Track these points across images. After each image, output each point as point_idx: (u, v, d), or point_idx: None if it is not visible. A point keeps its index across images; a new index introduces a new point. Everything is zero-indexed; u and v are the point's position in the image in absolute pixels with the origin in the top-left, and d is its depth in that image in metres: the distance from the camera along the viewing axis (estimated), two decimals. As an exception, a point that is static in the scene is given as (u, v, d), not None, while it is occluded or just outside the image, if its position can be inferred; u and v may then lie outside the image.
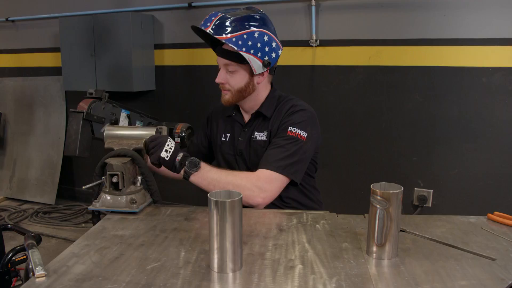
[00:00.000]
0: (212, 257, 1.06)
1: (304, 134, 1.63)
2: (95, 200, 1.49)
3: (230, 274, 1.05)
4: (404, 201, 3.66)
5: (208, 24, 1.56)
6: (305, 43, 3.30)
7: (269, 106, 1.74)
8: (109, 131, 1.63)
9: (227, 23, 1.56)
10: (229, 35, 1.55)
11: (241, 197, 1.05)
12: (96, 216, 1.52)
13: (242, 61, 1.61)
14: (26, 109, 4.54)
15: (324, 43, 3.26)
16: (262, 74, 1.68)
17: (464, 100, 3.00)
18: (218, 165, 1.82)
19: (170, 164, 1.54)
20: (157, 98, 3.93)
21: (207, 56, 3.62)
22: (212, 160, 1.92)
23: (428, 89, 3.08)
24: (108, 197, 1.47)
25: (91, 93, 3.15)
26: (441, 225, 1.36)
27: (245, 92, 1.69)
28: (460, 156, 3.07)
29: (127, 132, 1.65)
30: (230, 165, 1.82)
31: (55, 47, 4.18)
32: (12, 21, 4.47)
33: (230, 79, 1.66)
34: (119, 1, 3.94)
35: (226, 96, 1.70)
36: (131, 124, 3.36)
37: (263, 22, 1.63)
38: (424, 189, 3.17)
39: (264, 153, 1.65)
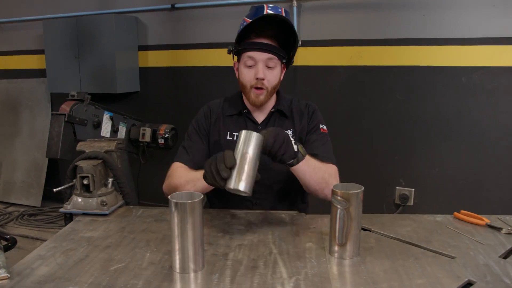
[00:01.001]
0: (174, 258, 1.07)
1: (326, 128, 1.76)
2: (67, 203, 1.50)
3: (192, 275, 1.06)
4: (386, 200, 3.63)
5: (280, 10, 1.56)
6: (288, 44, 3.31)
7: (284, 104, 1.76)
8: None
9: (288, 15, 1.58)
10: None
11: (201, 198, 1.06)
12: (68, 218, 1.52)
13: (280, 56, 1.63)
14: (11, 112, 4.50)
15: (306, 43, 3.28)
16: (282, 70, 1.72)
17: (444, 99, 3.03)
18: None
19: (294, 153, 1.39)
20: (141, 99, 3.92)
21: (190, 58, 3.62)
22: None
23: (409, 88, 3.11)
24: (79, 200, 1.48)
25: (73, 95, 3.16)
26: (407, 224, 1.38)
27: (276, 89, 1.69)
28: (440, 155, 3.10)
29: None
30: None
31: (40, 49, 4.15)
32: (-3, 23, 4.46)
33: (269, 75, 1.63)
34: (102, 3, 3.93)
35: (262, 96, 1.64)
36: (114, 125, 3.37)
37: None
38: (406, 188, 3.20)
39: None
